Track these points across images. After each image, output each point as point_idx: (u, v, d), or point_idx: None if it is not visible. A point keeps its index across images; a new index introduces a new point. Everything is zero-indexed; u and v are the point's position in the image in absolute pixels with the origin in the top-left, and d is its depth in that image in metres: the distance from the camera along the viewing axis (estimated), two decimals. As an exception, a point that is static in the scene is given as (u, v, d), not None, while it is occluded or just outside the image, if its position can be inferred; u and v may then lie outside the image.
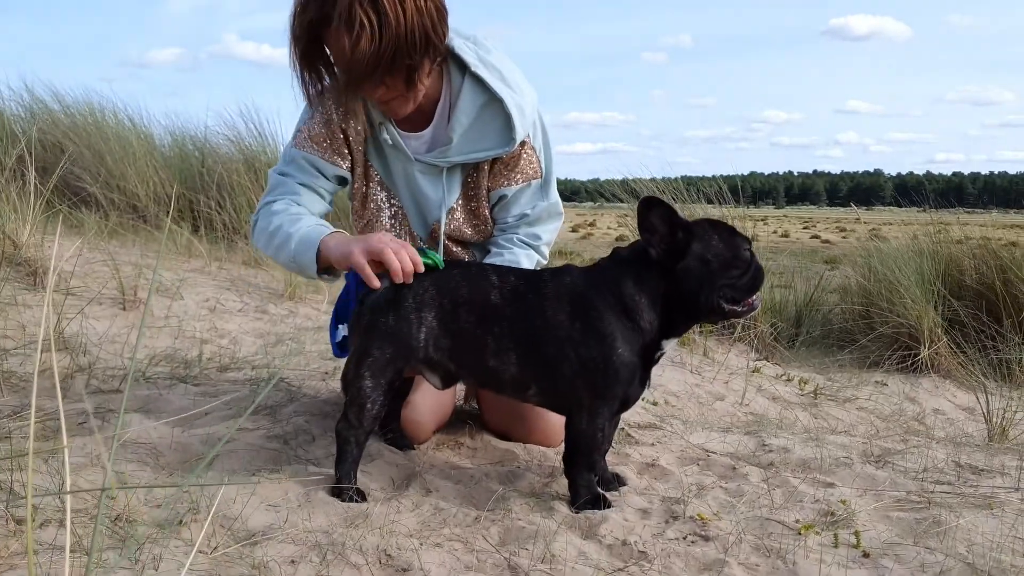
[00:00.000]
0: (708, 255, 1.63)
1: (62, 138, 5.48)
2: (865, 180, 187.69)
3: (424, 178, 1.97)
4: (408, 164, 1.96)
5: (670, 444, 2.16)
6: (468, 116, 1.89)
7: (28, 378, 2.28)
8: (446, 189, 1.97)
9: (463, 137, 1.90)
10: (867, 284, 4.54)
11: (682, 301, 1.64)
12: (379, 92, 1.78)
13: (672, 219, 1.62)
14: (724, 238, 1.66)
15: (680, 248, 1.62)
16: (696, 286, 1.63)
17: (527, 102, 1.92)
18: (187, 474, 1.69)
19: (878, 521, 1.62)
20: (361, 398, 1.68)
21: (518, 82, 1.93)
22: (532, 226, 2.04)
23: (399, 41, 1.66)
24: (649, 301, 1.64)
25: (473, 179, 1.98)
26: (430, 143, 1.96)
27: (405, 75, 1.74)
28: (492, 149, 1.91)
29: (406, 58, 1.70)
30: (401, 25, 1.65)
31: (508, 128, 1.88)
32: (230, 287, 4.05)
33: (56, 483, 1.52)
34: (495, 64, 1.91)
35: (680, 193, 5.60)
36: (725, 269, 1.64)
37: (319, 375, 2.72)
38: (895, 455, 2.05)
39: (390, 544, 1.42)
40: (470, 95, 1.88)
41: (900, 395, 3.45)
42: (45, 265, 3.16)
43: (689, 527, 1.56)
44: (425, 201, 2.00)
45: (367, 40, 1.63)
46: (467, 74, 1.88)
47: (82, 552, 1.24)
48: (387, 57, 1.67)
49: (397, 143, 1.93)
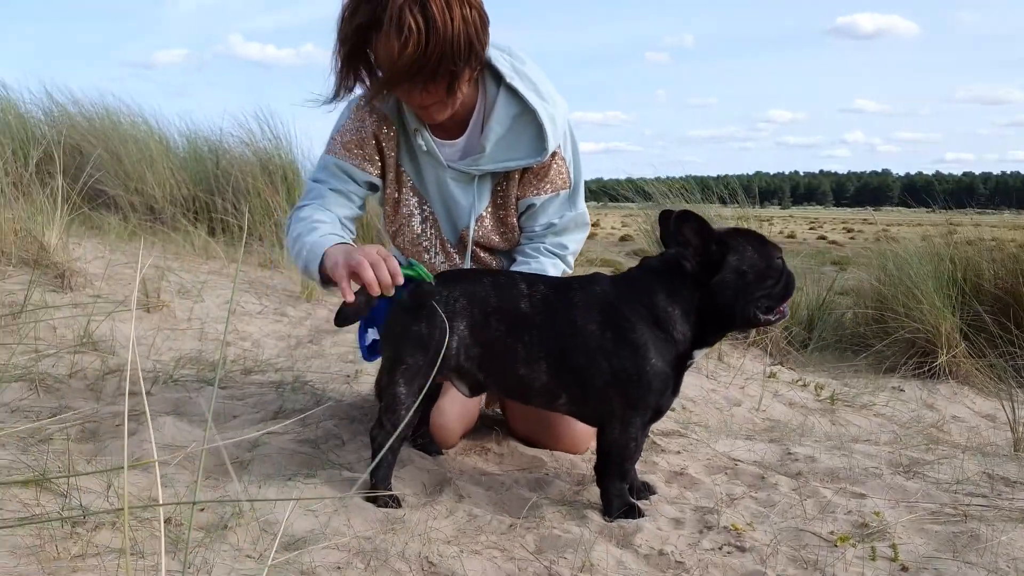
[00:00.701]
0: (744, 267, 1.65)
1: (80, 141, 5.52)
2: (873, 180, 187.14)
3: (456, 185, 2.00)
4: (441, 171, 1.99)
5: (696, 452, 2.18)
6: (502, 126, 1.92)
7: (62, 380, 2.31)
8: (476, 196, 2.00)
9: (496, 146, 1.93)
10: (881, 287, 4.53)
11: (717, 313, 1.66)
12: (419, 97, 1.81)
13: (705, 231, 1.64)
14: (757, 248, 1.67)
15: (714, 260, 1.64)
16: (732, 299, 1.64)
17: (559, 113, 1.95)
18: (225, 478, 1.72)
19: (914, 534, 1.64)
20: (395, 404, 1.70)
21: (550, 93, 1.96)
22: (559, 235, 2.06)
23: (444, 48, 1.69)
24: (682, 313, 1.66)
25: (503, 188, 2.01)
26: (463, 151, 1.99)
27: (447, 82, 1.77)
28: (524, 159, 1.94)
29: (450, 64, 1.72)
30: (448, 32, 1.68)
31: (540, 138, 1.91)
32: (248, 289, 4.08)
33: (103, 486, 1.54)
34: (529, 75, 1.94)
35: (689, 193, 5.61)
36: (760, 280, 1.65)
37: (342, 378, 2.74)
38: (924, 466, 2.07)
39: (431, 551, 1.44)
40: (504, 105, 1.91)
41: (918, 401, 3.46)
42: (72, 268, 3.20)
43: (724, 537, 1.58)
44: (456, 207, 2.03)
45: (414, 45, 1.67)
46: (502, 84, 1.91)
47: (138, 556, 1.26)
48: (432, 62, 1.70)
49: (431, 149, 1.96)
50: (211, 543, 1.37)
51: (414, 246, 2.09)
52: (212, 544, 1.36)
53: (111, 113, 6.05)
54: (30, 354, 2.39)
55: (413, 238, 2.08)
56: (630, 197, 6.32)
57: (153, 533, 1.37)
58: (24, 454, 1.66)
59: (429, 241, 2.08)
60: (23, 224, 3.19)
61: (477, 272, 1.83)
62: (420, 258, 2.11)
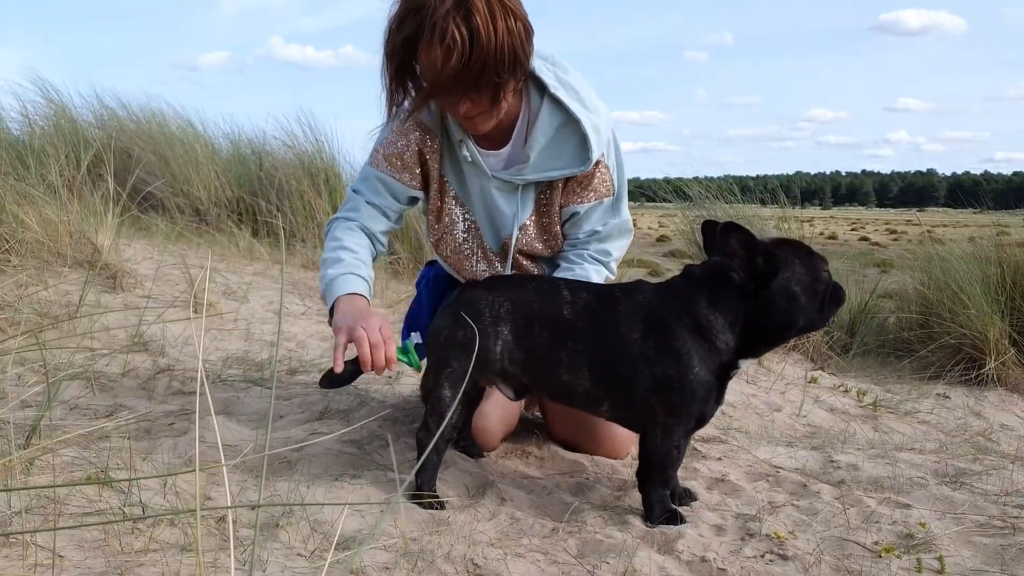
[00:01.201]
0: (792, 286, 1.64)
1: (129, 143, 5.67)
2: (917, 180, 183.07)
3: (499, 194, 2.02)
4: (485, 180, 2.01)
5: (737, 459, 2.17)
6: (546, 135, 1.93)
7: (116, 379, 2.38)
8: (520, 205, 2.02)
9: (540, 156, 1.95)
10: (926, 291, 4.45)
11: (762, 325, 1.66)
12: (464, 107, 1.82)
13: (751, 243, 1.63)
14: (804, 261, 1.67)
15: (760, 273, 1.64)
16: (782, 316, 1.64)
17: (602, 122, 1.96)
18: (274, 477, 1.77)
19: (961, 546, 1.62)
20: (441, 407, 1.73)
21: (593, 102, 1.97)
22: (603, 242, 2.07)
23: (488, 58, 1.71)
24: (726, 322, 1.66)
25: (546, 196, 2.03)
26: (507, 160, 2.01)
27: (491, 92, 1.79)
28: (568, 168, 1.95)
29: (494, 75, 1.74)
30: (492, 43, 1.70)
31: (584, 148, 1.92)
32: (292, 290, 4.16)
33: (160, 484, 1.59)
34: (572, 84, 1.95)
35: (728, 193, 5.57)
36: (809, 298, 1.65)
37: (384, 379, 2.79)
38: (972, 476, 2.04)
39: (476, 554, 1.47)
40: (548, 115, 1.93)
41: (964, 409, 3.40)
42: (123, 269, 3.29)
43: (766, 545, 1.58)
44: (499, 216, 2.05)
45: (458, 55, 1.69)
46: (546, 95, 1.93)
47: (193, 551, 1.31)
48: (475, 73, 1.72)
49: (476, 160, 1.98)
50: (264, 541, 1.41)
51: (456, 254, 2.12)
52: (264, 543, 1.41)
53: (158, 116, 6.21)
54: (86, 353, 2.47)
55: (456, 247, 2.11)
56: (668, 197, 6.29)
57: (209, 531, 1.41)
58: (86, 451, 1.73)
59: (471, 249, 2.11)
60: (77, 226, 3.29)
61: (521, 278, 1.85)
62: (462, 266, 2.14)
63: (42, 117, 5.73)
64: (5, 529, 1.25)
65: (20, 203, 3.10)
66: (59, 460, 1.61)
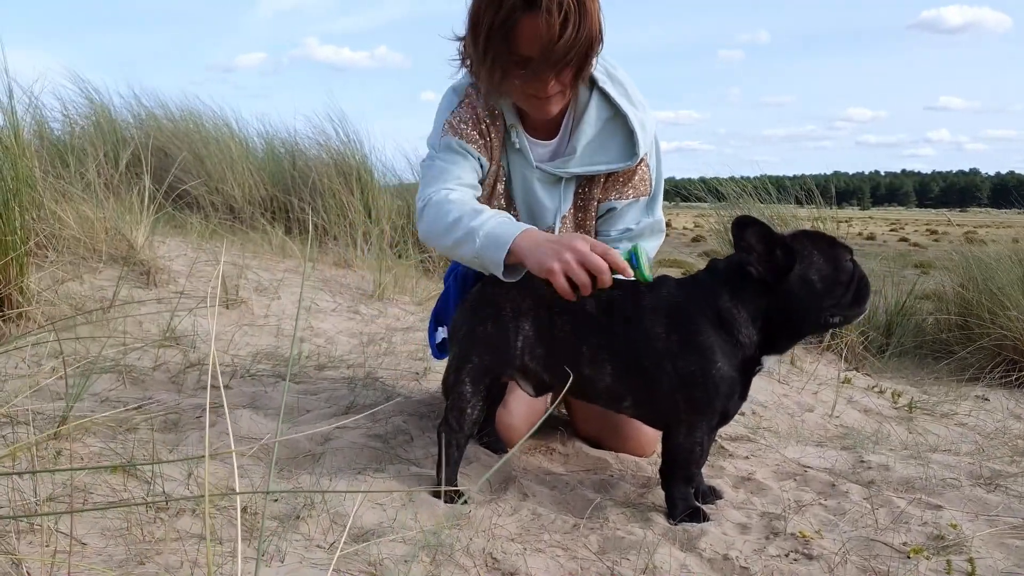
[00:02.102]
0: (810, 275, 1.61)
1: (166, 143, 5.77)
2: (959, 180, 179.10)
3: (541, 186, 2.01)
4: (528, 171, 2.00)
5: (765, 458, 2.14)
6: (593, 128, 1.92)
7: (147, 372, 2.42)
8: (562, 198, 2.00)
9: (586, 149, 1.94)
10: (965, 292, 4.36)
11: (785, 320, 1.63)
12: (550, 86, 1.79)
13: (768, 237, 1.60)
14: (824, 251, 1.63)
15: (780, 267, 1.61)
16: (801, 308, 1.62)
17: (648, 119, 1.96)
18: (298, 470, 1.78)
19: (993, 548, 1.57)
20: (461, 403, 1.73)
21: (640, 99, 1.96)
22: (634, 241, 2.06)
23: (591, 31, 1.71)
24: (747, 316, 1.63)
25: (586, 191, 2.02)
26: (554, 152, 2.00)
27: (577, 68, 1.77)
28: (613, 163, 1.94)
29: (589, 49, 1.74)
30: (594, 16, 1.71)
31: (630, 143, 1.92)
32: (323, 287, 4.20)
33: (183, 474, 1.62)
34: (621, 80, 1.95)
35: (763, 193, 5.49)
36: (830, 288, 1.61)
37: (411, 375, 2.80)
38: (1008, 478, 1.98)
39: (495, 548, 1.46)
40: (596, 108, 1.92)
41: (1004, 411, 3.31)
42: (157, 265, 3.35)
43: (791, 544, 1.55)
44: (539, 208, 2.03)
45: (573, 26, 1.68)
46: (595, 88, 1.92)
47: (216, 541, 1.32)
48: (580, 45, 1.71)
49: (524, 148, 1.97)
50: (284, 532, 1.42)
51: None
52: (285, 533, 1.42)
53: (194, 116, 6.31)
54: (118, 347, 2.52)
55: None
56: (702, 197, 6.23)
57: (230, 520, 1.43)
58: (112, 442, 1.76)
59: None
60: (113, 223, 3.36)
61: None
62: None
63: (82, 117, 5.86)
64: (30, 515, 1.28)
65: (58, 200, 3.17)
66: (87, 451, 1.65)
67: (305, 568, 1.26)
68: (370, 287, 4.27)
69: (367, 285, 4.34)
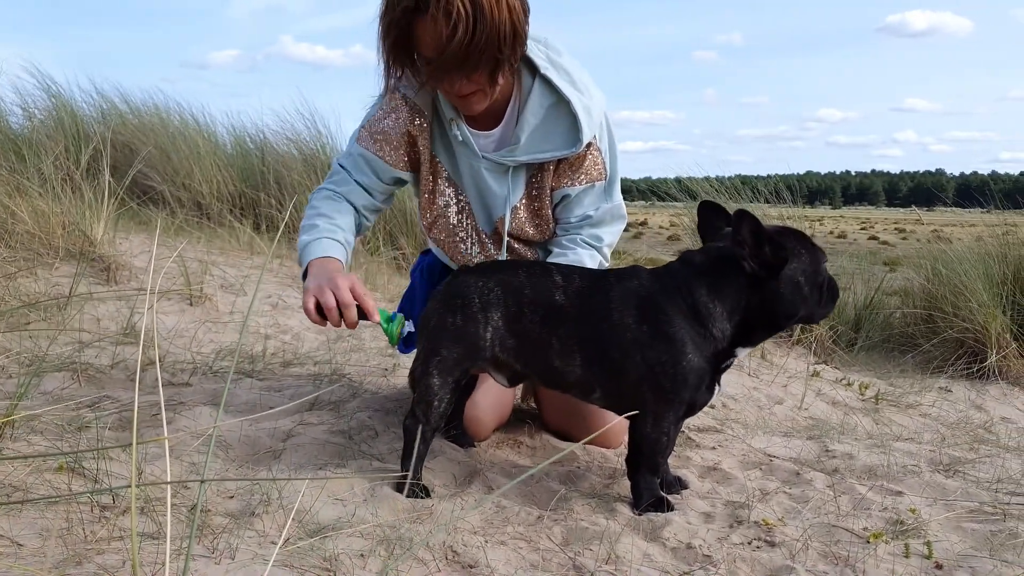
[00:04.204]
0: (799, 276, 1.63)
1: (131, 138, 5.67)
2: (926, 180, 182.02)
3: (490, 175, 1.99)
4: (475, 161, 1.98)
5: (731, 448, 2.14)
6: (536, 116, 1.90)
7: (104, 370, 2.36)
8: (511, 187, 1.99)
9: (530, 137, 1.92)
10: (930, 287, 4.42)
11: (764, 314, 1.63)
12: (461, 85, 1.79)
13: (760, 232, 1.60)
14: (809, 252, 1.65)
15: (768, 262, 1.60)
16: (788, 305, 1.63)
17: (595, 104, 1.93)
18: (257, 467, 1.74)
19: (950, 532, 1.58)
20: (429, 395, 1.70)
21: (586, 84, 1.94)
22: (595, 227, 2.04)
23: (491, 34, 1.69)
24: (725, 310, 1.62)
25: (538, 179, 1.99)
26: (498, 142, 1.98)
27: (490, 70, 1.77)
28: (558, 150, 1.92)
29: (495, 52, 1.72)
30: (495, 18, 1.68)
31: (575, 129, 1.89)
32: (291, 284, 4.14)
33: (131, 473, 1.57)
34: (565, 66, 1.93)
35: (736, 192, 5.53)
36: (812, 289, 1.64)
37: (379, 371, 2.76)
38: (965, 464, 2.00)
39: (456, 541, 1.44)
40: (539, 96, 1.90)
41: (966, 402, 3.35)
42: (118, 261, 3.28)
43: (754, 532, 1.55)
44: (491, 198, 2.02)
45: (463, 30, 1.66)
46: (537, 76, 1.90)
47: (162, 540, 1.28)
48: (478, 49, 1.69)
49: (467, 140, 1.95)
50: (237, 529, 1.38)
51: (450, 236, 2.09)
52: (238, 530, 1.38)
53: (160, 111, 6.21)
54: (73, 344, 2.46)
55: (449, 229, 2.07)
56: (678, 196, 6.26)
57: (179, 518, 1.39)
58: (60, 441, 1.71)
59: (465, 232, 2.08)
60: (71, 218, 3.28)
61: (512, 263, 1.82)
62: (456, 249, 2.10)
63: (41, 111, 5.73)
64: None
65: (11, 195, 3.09)
66: (31, 449, 1.59)
67: (256, 564, 1.23)
68: (339, 284, 4.22)
69: (335, 282, 4.29)
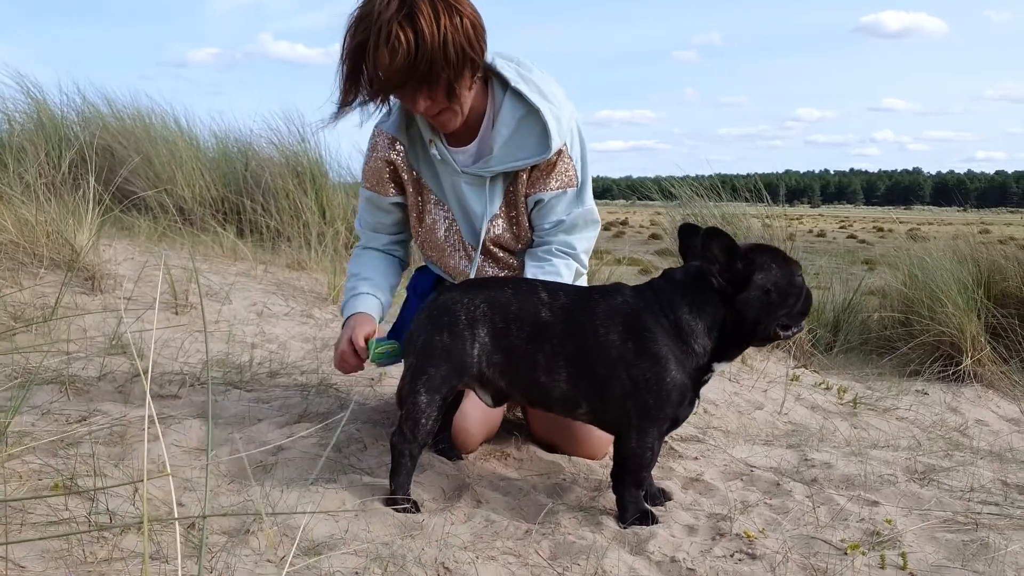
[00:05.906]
0: (769, 286, 1.68)
1: (112, 141, 5.62)
2: (903, 179, 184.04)
3: (470, 189, 2.09)
4: (455, 177, 2.08)
5: (713, 458, 2.19)
6: (508, 128, 2.01)
7: (92, 382, 2.37)
8: (488, 199, 2.07)
9: (504, 147, 2.02)
10: (907, 291, 4.49)
11: (739, 328, 1.68)
12: (423, 104, 1.91)
13: (732, 249, 1.65)
14: (781, 265, 1.70)
15: (740, 277, 1.65)
16: (756, 316, 1.68)
17: (564, 113, 2.03)
18: (247, 482, 1.76)
19: (925, 542, 1.64)
20: (416, 413, 1.74)
21: (556, 95, 2.04)
22: (568, 234, 2.11)
23: (435, 56, 1.80)
24: (704, 327, 1.68)
25: (513, 189, 2.09)
26: (475, 155, 2.09)
27: (446, 88, 1.87)
28: (530, 157, 2.02)
29: (443, 71, 1.83)
30: (436, 41, 1.79)
31: (545, 136, 1.99)
32: (276, 291, 4.14)
33: (130, 491, 1.59)
34: (535, 80, 2.04)
35: (717, 192, 5.58)
36: (783, 299, 1.69)
37: (366, 381, 2.78)
38: (940, 472, 2.06)
39: (448, 557, 1.47)
40: (510, 108, 2.01)
41: (942, 405, 3.43)
42: (102, 270, 3.27)
43: (736, 544, 1.60)
44: (472, 211, 2.12)
45: (403, 55, 1.79)
46: (508, 90, 2.01)
47: (162, 560, 1.31)
48: (422, 70, 1.82)
49: (445, 158, 2.06)
50: (232, 547, 1.41)
51: (440, 252, 2.19)
52: (234, 549, 1.41)
53: (143, 114, 6.15)
54: (61, 356, 2.46)
55: (439, 245, 2.17)
56: (658, 196, 6.31)
57: (179, 539, 1.41)
58: (54, 458, 1.72)
59: (453, 246, 2.17)
60: (55, 226, 3.27)
61: (498, 279, 1.87)
62: (446, 263, 2.20)
63: (22, 114, 5.67)
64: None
65: (-4, 204, 3.08)
66: (25, 468, 1.61)
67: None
68: (324, 290, 4.23)
69: (321, 288, 4.30)
